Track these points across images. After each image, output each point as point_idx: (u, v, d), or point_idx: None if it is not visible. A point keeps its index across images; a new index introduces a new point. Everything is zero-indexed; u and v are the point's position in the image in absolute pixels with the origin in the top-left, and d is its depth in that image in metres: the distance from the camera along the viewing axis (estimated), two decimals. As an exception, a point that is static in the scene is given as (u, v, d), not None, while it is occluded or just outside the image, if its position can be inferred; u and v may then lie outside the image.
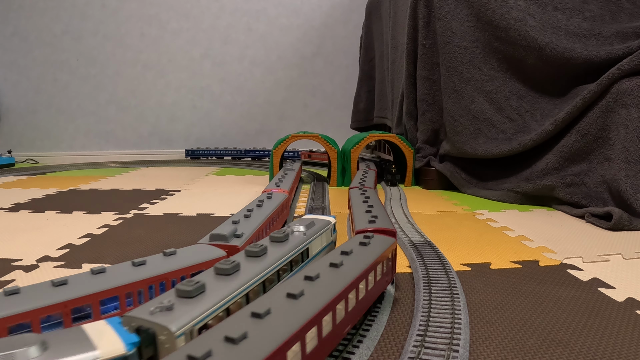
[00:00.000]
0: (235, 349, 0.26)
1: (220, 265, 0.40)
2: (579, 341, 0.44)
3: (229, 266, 0.40)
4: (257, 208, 0.69)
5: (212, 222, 0.94)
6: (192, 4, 2.34)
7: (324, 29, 2.38)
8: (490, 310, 0.51)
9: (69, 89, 2.40)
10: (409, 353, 0.40)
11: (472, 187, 1.25)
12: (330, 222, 0.60)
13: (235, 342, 0.27)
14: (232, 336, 0.27)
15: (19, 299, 0.36)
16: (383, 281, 0.48)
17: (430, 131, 1.36)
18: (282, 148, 1.43)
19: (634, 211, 0.87)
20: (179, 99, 2.42)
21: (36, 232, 0.87)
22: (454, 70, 1.22)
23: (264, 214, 0.66)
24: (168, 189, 1.38)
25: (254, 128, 2.45)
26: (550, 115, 1.12)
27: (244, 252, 0.45)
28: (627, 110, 0.94)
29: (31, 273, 0.64)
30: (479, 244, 0.77)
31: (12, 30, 2.35)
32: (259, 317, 0.30)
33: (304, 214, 1.00)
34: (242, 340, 0.27)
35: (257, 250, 0.44)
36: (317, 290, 0.35)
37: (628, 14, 1.12)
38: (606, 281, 0.59)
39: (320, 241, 0.56)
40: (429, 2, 1.29)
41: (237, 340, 0.27)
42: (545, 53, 1.09)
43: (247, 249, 0.45)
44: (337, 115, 2.45)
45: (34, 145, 2.45)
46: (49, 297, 0.37)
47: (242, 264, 0.42)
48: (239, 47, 2.38)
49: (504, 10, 1.13)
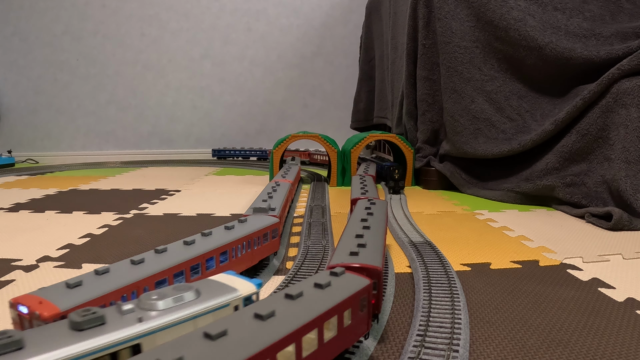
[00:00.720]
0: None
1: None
2: (579, 341, 0.44)
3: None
4: (274, 192, 0.85)
5: (212, 222, 0.94)
6: (192, 4, 2.34)
7: (324, 29, 2.38)
8: (490, 310, 0.51)
9: (69, 89, 2.40)
10: (409, 353, 0.40)
11: (472, 187, 1.25)
12: (236, 296, 0.38)
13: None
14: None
15: (120, 274, 0.41)
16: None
17: (430, 131, 1.36)
18: (282, 148, 1.43)
19: (634, 211, 0.87)
20: (179, 99, 2.42)
21: (36, 232, 0.87)
22: (454, 70, 1.23)
23: (282, 194, 0.83)
24: (168, 189, 1.38)
25: (254, 128, 2.45)
26: (550, 115, 1.12)
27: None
28: (627, 110, 0.94)
29: (31, 273, 0.64)
30: (479, 244, 0.77)
31: (12, 30, 2.35)
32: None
33: (304, 214, 1.00)
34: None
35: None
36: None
37: (628, 14, 1.12)
38: (606, 281, 0.59)
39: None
40: (429, 2, 1.29)
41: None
42: (545, 53, 1.09)
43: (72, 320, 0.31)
44: (337, 115, 2.45)
45: (34, 145, 2.45)
46: (155, 266, 0.44)
47: None
48: (239, 47, 2.38)
49: (504, 10, 1.13)
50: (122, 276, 0.41)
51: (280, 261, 0.69)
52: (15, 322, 0.35)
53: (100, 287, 0.38)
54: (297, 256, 0.69)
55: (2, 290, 0.58)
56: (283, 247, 0.74)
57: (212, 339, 0.27)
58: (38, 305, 0.34)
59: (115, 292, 0.39)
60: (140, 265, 0.44)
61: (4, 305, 0.53)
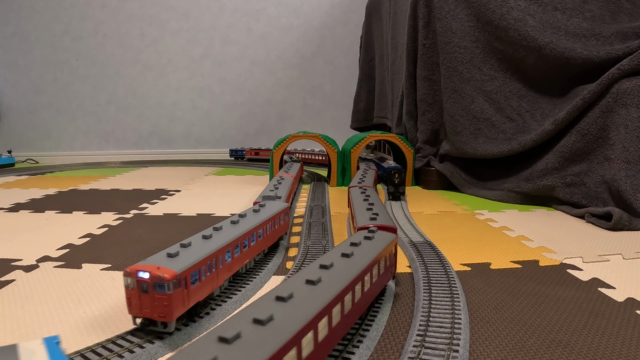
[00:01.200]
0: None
1: None
2: (579, 341, 0.44)
3: None
4: (279, 184, 0.95)
5: (212, 222, 0.94)
6: (192, 4, 2.34)
7: (324, 29, 2.38)
8: (490, 310, 0.51)
9: (69, 89, 2.40)
10: (409, 353, 0.40)
11: (472, 187, 1.25)
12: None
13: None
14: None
15: (201, 245, 0.49)
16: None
17: (430, 131, 1.36)
18: (282, 148, 1.43)
19: (634, 211, 0.87)
20: (179, 99, 2.42)
21: (36, 232, 0.87)
22: (454, 70, 1.22)
23: (287, 185, 0.95)
24: (168, 189, 1.38)
25: (254, 128, 2.45)
26: (550, 115, 1.12)
27: None
28: (627, 110, 0.94)
29: (31, 273, 0.64)
30: (479, 244, 0.77)
31: (12, 30, 2.35)
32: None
33: (303, 214, 1.00)
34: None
35: None
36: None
37: (628, 14, 1.12)
38: (606, 281, 0.59)
39: None
40: (429, 2, 1.29)
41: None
42: (545, 53, 1.09)
43: None
44: (337, 115, 2.45)
45: (34, 145, 2.45)
46: (227, 236, 0.53)
47: None
48: (239, 47, 2.38)
49: (504, 10, 1.13)
50: (204, 246, 0.49)
51: (287, 242, 0.78)
52: (130, 288, 0.42)
53: (193, 255, 0.46)
54: (297, 256, 0.69)
55: (2, 290, 0.58)
56: (283, 247, 0.74)
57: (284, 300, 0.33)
58: (157, 270, 0.42)
59: (215, 253, 0.49)
60: (212, 239, 0.52)
61: (3, 306, 0.53)
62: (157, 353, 0.42)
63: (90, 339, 0.45)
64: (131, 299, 0.43)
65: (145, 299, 0.42)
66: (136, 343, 0.42)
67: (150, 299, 0.42)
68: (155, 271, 0.41)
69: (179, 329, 0.45)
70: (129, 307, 0.43)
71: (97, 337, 0.45)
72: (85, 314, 0.51)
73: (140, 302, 0.42)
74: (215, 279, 0.50)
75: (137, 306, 0.43)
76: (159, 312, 0.42)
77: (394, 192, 1.16)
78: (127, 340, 0.43)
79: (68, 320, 0.49)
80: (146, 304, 0.42)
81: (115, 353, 0.40)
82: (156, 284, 0.41)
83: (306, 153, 2.00)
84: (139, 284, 0.42)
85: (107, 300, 0.55)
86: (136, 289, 0.42)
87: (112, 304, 0.53)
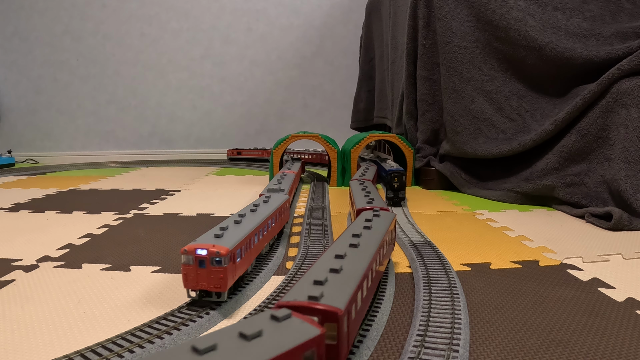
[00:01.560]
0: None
1: None
2: (579, 341, 0.44)
3: None
4: (283, 179, 1.00)
5: (212, 222, 0.94)
6: (192, 4, 2.34)
7: (324, 29, 2.38)
8: (490, 310, 0.51)
9: (69, 89, 2.40)
10: (409, 353, 0.40)
11: (472, 187, 1.25)
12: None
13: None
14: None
15: (238, 226, 0.57)
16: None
17: (430, 131, 1.36)
18: (282, 148, 1.43)
19: (634, 211, 0.87)
20: (179, 99, 2.42)
21: (36, 232, 0.87)
22: (454, 70, 1.22)
23: (290, 180, 1.01)
24: (168, 189, 1.38)
25: (254, 128, 2.45)
26: (550, 115, 1.12)
27: None
28: (627, 110, 0.94)
29: (31, 273, 0.64)
30: (479, 244, 0.77)
31: (12, 30, 2.35)
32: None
33: (303, 214, 1.00)
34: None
35: None
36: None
37: (628, 14, 1.12)
38: (606, 281, 0.59)
39: None
40: (429, 2, 1.29)
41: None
42: (545, 53, 1.09)
43: None
44: (337, 115, 2.45)
45: (34, 145, 2.45)
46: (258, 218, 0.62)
47: None
48: (239, 47, 2.38)
49: (504, 10, 1.13)
50: (240, 229, 0.56)
51: (289, 230, 0.85)
52: (188, 265, 0.49)
53: (235, 236, 0.52)
54: (297, 256, 0.69)
55: (2, 290, 0.58)
56: (283, 247, 0.74)
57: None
58: (213, 247, 0.48)
59: (249, 234, 0.56)
60: (243, 223, 0.58)
61: (3, 306, 0.53)
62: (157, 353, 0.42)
63: (91, 339, 0.45)
64: (188, 274, 0.49)
65: (202, 273, 0.48)
66: (136, 343, 0.42)
67: (207, 272, 0.48)
68: (211, 248, 0.48)
69: (230, 298, 0.52)
70: (185, 281, 0.49)
71: (97, 337, 0.45)
72: (85, 314, 0.51)
73: (197, 276, 0.49)
74: (249, 257, 0.57)
75: (194, 280, 0.49)
76: (214, 284, 0.49)
77: (393, 197, 1.08)
78: (127, 340, 0.43)
79: (68, 320, 0.49)
80: (203, 277, 0.48)
81: (115, 353, 0.40)
82: (213, 259, 0.48)
83: (307, 154, 2.00)
84: (197, 260, 0.48)
85: (107, 300, 0.55)
86: (193, 265, 0.48)
87: (112, 304, 0.53)
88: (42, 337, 0.45)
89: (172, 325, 0.46)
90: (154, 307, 0.52)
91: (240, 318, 0.49)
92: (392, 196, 1.08)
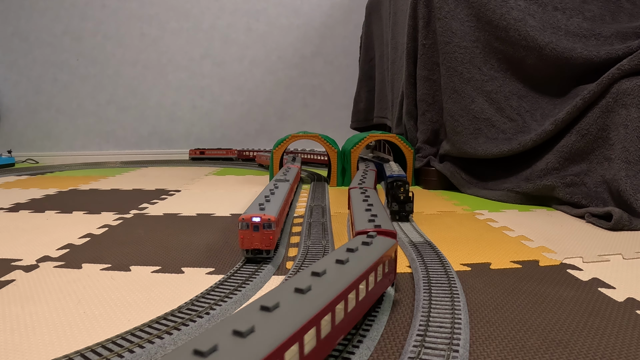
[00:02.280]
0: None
1: None
2: (579, 341, 0.44)
3: None
4: (288, 172, 1.13)
5: (212, 222, 0.94)
6: (192, 4, 2.34)
7: (324, 29, 2.38)
8: (490, 310, 0.51)
9: (69, 89, 2.40)
10: (409, 353, 0.40)
11: (472, 187, 1.25)
12: None
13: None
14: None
15: (272, 201, 0.74)
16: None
17: (430, 131, 1.36)
18: (282, 148, 1.43)
19: (634, 211, 0.87)
20: (179, 99, 2.42)
21: (36, 232, 0.87)
22: (454, 70, 1.22)
23: (294, 172, 1.13)
24: (168, 189, 1.38)
25: (254, 128, 2.45)
26: (550, 115, 1.12)
27: None
28: (627, 110, 0.94)
29: (31, 273, 0.64)
30: (479, 244, 0.77)
31: (12, 30, 2.35)
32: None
33: (303, 214, 1.00)
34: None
35: None
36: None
37: (628, 14, 1.12)
38: (606, 281, 0.59)
39: None
40: (429, 2, 1.29)
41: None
42: (545, 53, 1.09)
43: None
44: (337, 115, 2.45)
45: (34, 145, 2.45)
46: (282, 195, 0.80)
47: None
48: (239, 47, 2.38)
49: (504, 10, 1.13)
50: (274, 202, 0.72)
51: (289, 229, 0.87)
52: (244, 230, 0.63)
53: (274, 207, 0.68)
54: (297, 256, 0.69)
55: (2, 290, 0.58)
56: (283, 247, 0.74)
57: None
58: (264, 215, 0.63)
59: (281, 208, 0.70)
60: (275, 196, 0.74)
61: (3, 306, 0.53)
62: (157, 353, 0.42)
63: (91, 339, 0.45)
64: (244, 237, 0.63)
65: (256, 235, 0.63)
66: (136, 343, 0.42)
67: (260, 235, 0.63)
68: (264, 216, 0.63)
69: (274, 254, 0.68)
70: (242, 243, 0.64)
71: (97, 337, 0.45)
72: (85, 314, 0.51)
73: (251, 239, 0.63)
74: (282, 223, 0.76)
75: (249, 242, 0.64)
76: (265, 244, 0.63)
77: (398, 212, 0.92)
78: (127, 340, 0.43)
79: (68, 320, 0.49)
80: (256, 239, 0.63)
81: (115, 353, 0.40)
82: (265, 224, 0.63)
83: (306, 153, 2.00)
84: (252, 226, 0.63)
85: (107, 300, 0.55)
86: (249, 230, 0.63)
87: (112, 304, 0.53)
88: (42, 337, 0.45)
89: (172, 325, 0.46)
90: (154, 307, 0.52)
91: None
92: (397, 209, 0.92)
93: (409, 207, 0.92)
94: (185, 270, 0.65)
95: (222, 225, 0.92)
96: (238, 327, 0.28)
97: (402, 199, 0.91)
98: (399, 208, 0.92)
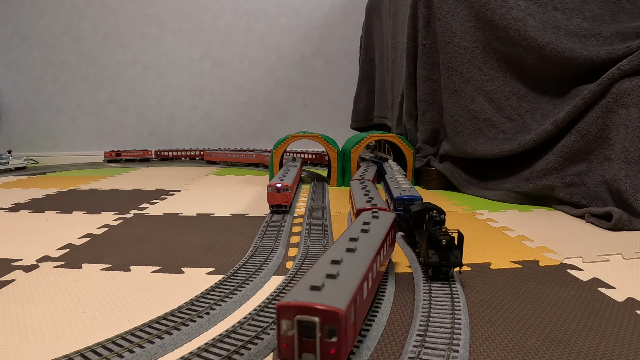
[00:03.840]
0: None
1: None
2: (579, 341, 0.44)
3: None
4: (295, 161, 1.40)
5: (213, 222, 0.94)
6: (192, 4, 2.34)
7: (324, 29, 2.38)
8: (490, 310, 0.51)
9: (69, 89, 2.40)
10: (409, 353, 0.40)
11: (472, 187, 1.25)
12: None
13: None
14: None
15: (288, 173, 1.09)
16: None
17: (430, 131, 1.36)
18: (282, 148, 1.43)
19: (634, 211, 0.87)
20: (179, 99, 2.42)
21: (36, 232, 0.87)
22: (454, 70, 1.22)
23: (297, 166, 1.27)
24: (168, 189, 1.38)
25: (254, 128, 2.45)
26: (550, 115, 1.12)
27: None
28: (627, 110, 0.94)
29: (31, 273, 0.64)
30: (479, 244, 0.77)
31: (12, 30, 2.35)
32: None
33: (304, 214, 1.00)
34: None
35: None
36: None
37: (628, 14, 1.12)
38: (606, 281, 0.59)
39: None
40: (429, 2, 1.29)
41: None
42: (545, 53, 1.09)
43: None
44: (337, 115, 2.45)
45: (34, 145, 2.45)
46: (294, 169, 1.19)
47: None
48: (239, 47, 2.38)
49: (504, 10, 1.13)
50: (290, 174, 1.08)
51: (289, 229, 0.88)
52: (271, 192, 0.95)
53: (290, 177, 1.03)
54: (297, 256, 0.69)
55: (2, 290, 0.58)
56: (283, 247, 0.74)
57: None
58: (283, 183, 0.94)
59: (294, 179, 1.07)
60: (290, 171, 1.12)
61: (3, 306, 0.53)
62: (157, 353, 0.42)
63: (91, 339, 0.45)
64: (271, 196, 0.95)
65: (279, 195, 0.95)
66: (136, 343, 0.42)
67: (282, 195, 0.94)
68: (284, 184, 0.94)
69: (289, 208, 0.97)
70: (269, 200, 0.95)
71: (97, 337, 0.46)
72: (85, 314, 0.51)
73: (275, 197, 0.95)
74: (294, 189, 1.07)
75: (274, 199, 0.95)
76: (284, 201, 0.95)
77: (439, 265, 0.54)
78: (127, 340, 0.43)
79: (68, 320, 0.49)
80: (279, 198, 0.95)
81: (115, 353, 0.40)
82: (284, 188, 0.94)
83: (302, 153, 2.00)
84: (276, 189, 0.94)
85: (107, 300, 0.55)
86: (274, 191, 0.94)
87: (112, 304, 0.53)
88: (42, 337, 0.45)
89: (172, 325, 0.46)
90: (154, 307, 0.52)
91: (240, 318, 0.48)
92: (437, 262, 0.54)
93: (454, 256, 0.54)
94: (185, 270, 0.65)
95: (222, 225, 0.92)
96: (329, 272, 0.37)
97: (444, 244, 0.54)
98: (441, 259, 0.54)
